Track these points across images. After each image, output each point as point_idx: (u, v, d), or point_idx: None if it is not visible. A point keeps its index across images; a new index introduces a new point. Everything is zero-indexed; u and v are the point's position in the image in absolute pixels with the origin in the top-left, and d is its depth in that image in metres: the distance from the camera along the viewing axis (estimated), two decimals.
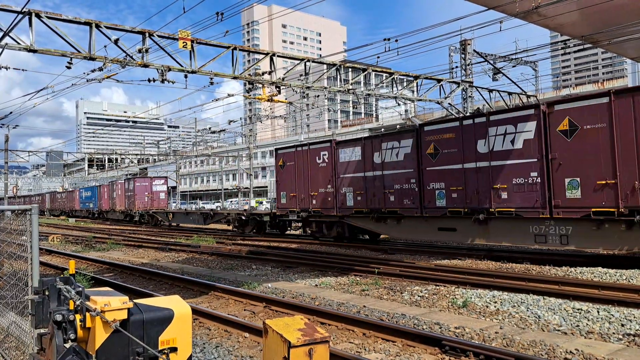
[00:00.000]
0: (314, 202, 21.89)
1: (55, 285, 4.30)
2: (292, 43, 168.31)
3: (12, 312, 5.73)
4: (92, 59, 14.26)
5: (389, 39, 20.04)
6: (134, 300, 3.94)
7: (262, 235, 26.84)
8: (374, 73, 21.58)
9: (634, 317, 8.22)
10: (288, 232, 27.82)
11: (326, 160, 21.48)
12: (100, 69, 15.45)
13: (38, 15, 13.46)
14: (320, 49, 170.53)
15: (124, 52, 14.74)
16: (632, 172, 12.31)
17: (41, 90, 18.35)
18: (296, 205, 22.94)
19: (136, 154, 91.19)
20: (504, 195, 14.77)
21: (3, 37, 13.07)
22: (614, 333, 7.55)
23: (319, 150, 21.88)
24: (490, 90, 25.67)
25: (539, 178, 14.01)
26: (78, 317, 3.72)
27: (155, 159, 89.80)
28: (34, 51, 13.45)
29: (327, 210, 21.33)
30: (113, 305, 3.64)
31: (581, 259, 14.16)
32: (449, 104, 23.69)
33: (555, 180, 13.68)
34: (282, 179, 23.83)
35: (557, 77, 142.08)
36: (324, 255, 17.57)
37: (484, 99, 25.50)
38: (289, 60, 19.09)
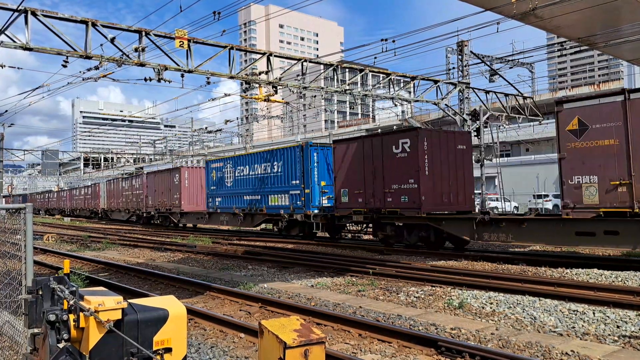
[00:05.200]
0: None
1: (49, 285, 4.27)
2: (289, 43, 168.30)
3: (5, 312, 5.68)
4: (88, 57, 14.20)
5: (386, 40, 20.04)
6: (129, 300, 3.91)
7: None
8: (371, 74, 21.57)
9: (630, 319, 8.23)
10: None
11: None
12: (97, 68, 15.41)
13: (34, 13, 13.39)
14: (317, 49, 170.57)
15: (121, 50, 14.69)
16: None
17: (37, 88, 18.28)
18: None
19: (132, 154, 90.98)
20: None
21: None
22: (609, 335, 7.56)
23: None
24: (487, 92, 25.71)
25: None
26: (72, 317, 3.70)
27: (151, 159, 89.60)
28: (30, 49, 13.38)
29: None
30: (107, 305, 3.61)
31: (577, 260, 14.19)
32: (446, 105, 23.70)
33: None
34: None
35: (554, 79, 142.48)
36: (320, 255, 17.54)
37: (481, 100, 25.53)
38: (286, 60, 19.06)
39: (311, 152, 22.16)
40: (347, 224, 21.02)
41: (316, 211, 21.78)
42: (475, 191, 19.76)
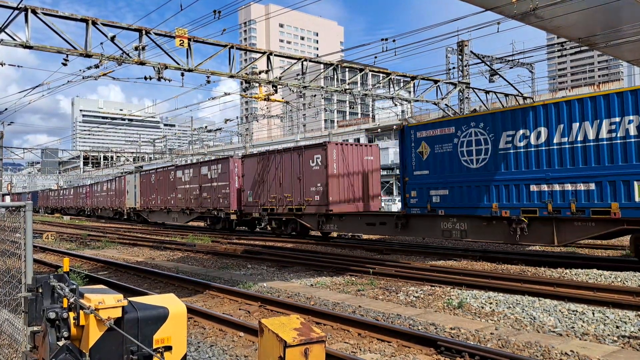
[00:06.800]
0: None
1: (49, 283, 4.27)
2: (289, 42, 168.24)
3: (5, 310, 5.68)
4: (88, 56, 14.18)
5: (386, 39, 20.02)
6: (129, 298, 3.90)
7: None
8: (371, 73, 21.56)
9: (629, 319, 8.23)
10: None
11: None
12: (97, 66, 15.36)
13: (34, 12, 13.37)
14: (317, 48, 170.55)
15: (121, 49, 14.66)
16: None
17: (37, 87, 18.22)
18: None
19: (132, 152, 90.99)
20: None
21: None
22: (609, 335, 7.56)
23: None
24: (487, 92, 25.72)
25: None
26: (72, 314, 3.69)
27: (150, 157, 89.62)
28: (30, 47, 13.36)
29: None
30: (107, 303, 3.60)
31: (576, 261, 14.19)
32: (446, 104, 23.70)
33: None
34: None
35: (554, 79, 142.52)
36: (320, 255, 17.54)
37: (481, 100, 25.55)
38: (285, 60, 19.06)
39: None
40: None
41: None
42: None
